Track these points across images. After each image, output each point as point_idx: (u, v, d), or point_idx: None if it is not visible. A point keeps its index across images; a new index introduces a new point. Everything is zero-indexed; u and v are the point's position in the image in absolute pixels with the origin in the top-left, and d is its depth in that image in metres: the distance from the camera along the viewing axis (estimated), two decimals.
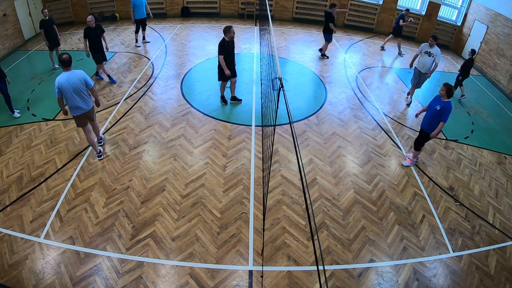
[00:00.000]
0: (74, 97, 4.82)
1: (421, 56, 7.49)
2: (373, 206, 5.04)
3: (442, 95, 5.24)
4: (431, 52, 7.32)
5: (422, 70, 7.54)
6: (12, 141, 5.90)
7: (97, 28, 7.17)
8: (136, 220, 4.53)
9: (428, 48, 7.37)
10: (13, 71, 8.32)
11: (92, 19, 7.02)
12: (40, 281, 3.74)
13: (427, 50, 7.40)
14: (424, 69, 7.50)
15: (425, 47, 7.46)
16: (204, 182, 5.19)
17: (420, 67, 7.56)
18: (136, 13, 9.43)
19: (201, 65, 9.03)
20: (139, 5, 9.37)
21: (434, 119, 5.31)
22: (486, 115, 7.93)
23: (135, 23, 9.64)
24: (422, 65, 7.48)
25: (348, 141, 6.42)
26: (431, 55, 7.33)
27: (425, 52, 7.41)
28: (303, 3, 13.08)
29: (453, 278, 4.15)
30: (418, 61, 7.63)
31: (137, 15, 9.48)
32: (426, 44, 7.46)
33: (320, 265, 3.62)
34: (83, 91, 4.88)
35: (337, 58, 10.22)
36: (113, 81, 7.92)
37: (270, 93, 5.90)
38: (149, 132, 6.24)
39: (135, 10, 9.37)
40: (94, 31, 7.11)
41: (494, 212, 5.22)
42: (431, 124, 5.38)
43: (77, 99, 4.86)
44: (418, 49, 7.62)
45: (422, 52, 7.47)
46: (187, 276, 3.89)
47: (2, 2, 8.88)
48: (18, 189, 4.94)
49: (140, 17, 9.57)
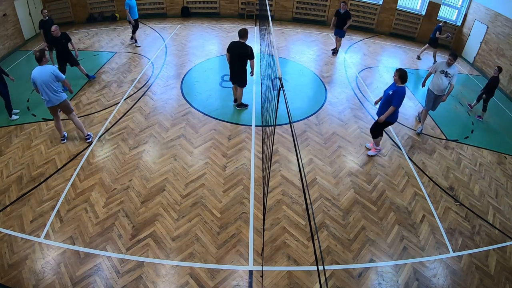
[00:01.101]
0: (44, 90, 5.27)
1: (436, 76, 6.40)
2: (373, 206, 5.04)
3: (396, 80, 5.29)
4: (448, 72, 6.23)
5: (436, 92, 6.46)
6: (12, 141, 5.90)
7: (62, 37, 7.19)
8: (136, 220, 4.53)
9: (445, 67, 6.26)
10: (13, 71, 8.30)
11: (56, 29, 7.03)
12: (40, 281, 3.75)
13: (443, 69, 6.28)
14: (439, 91, 6.43)
15: (441, 66, 6.34)
16: (204, 182, 5.19)
17: (434, 89, 6.47)
18: (132, 14, 9.52)
19: (201, 65, 9.03)
20: (133, 6, 9.50)
21: (387, 104, 5.37)
22: (486, 115, 7.93)
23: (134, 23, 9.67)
24: (437, 86, 6.40)
25: (348, 141, 6.42)
26: (448, 76, 6.25)
27: (441, 71, 6.31)
28: (303, 3, 13.08)
29: (453, 278, 4.15)
30: (432, 81, 6.53)
31: (133, 16, 9.57)
32: (443, 62, 6.36)
33: (320, 265, 3.62)
34: (53, 85, 5.29)
35: (337, 58, 10.22)
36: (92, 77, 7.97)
37: (270, 93, 5.91)
38: (149, 132, 6.24)
39: (131, 11, 9.45)
40: (60, 40, 7.13)
41: (494, 212, 5.22)
42: (383, 109, 5.47)
43: (48, 92, 5.29)
44: (433, 67, 6.55)
45: (437, 72, 6.38)
46: (187, 276, 3.89)
47: (2, 2, 8.88)
48: (18, 189, 4.94)
49: (134, 18, 9.67)
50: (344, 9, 9.58)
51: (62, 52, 7.25)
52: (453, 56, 6.23)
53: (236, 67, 6.43)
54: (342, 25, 9.70)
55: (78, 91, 7.52)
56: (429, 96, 6.66)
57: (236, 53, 6.28)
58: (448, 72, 6.25)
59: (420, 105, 8.08)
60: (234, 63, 6.40)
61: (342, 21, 9.64)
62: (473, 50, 11.24)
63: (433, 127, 7.24)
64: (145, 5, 12.59)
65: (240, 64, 6.37)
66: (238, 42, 6.26)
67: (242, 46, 6.21)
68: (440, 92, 6.43)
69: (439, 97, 6.54)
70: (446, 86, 6.33)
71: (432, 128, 7.20)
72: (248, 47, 6.22)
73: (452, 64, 6.24)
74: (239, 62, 6.35)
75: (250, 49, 6.22)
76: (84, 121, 6.46)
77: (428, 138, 6.82)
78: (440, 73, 6.34)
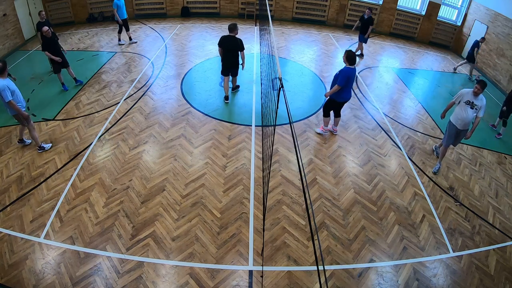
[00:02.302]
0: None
1: (460, 107, 5.44)
2: (373, 206, 5.04)
3: (344, 61, 5.67)
4: (474, 103, 5.30)
5: (459, 126, 5.48)
6: (12, 141, 5.90)
7: (53, 36, 7.15)
8: (136, 220, 4.53)
9: (472, 97, 5.32)
10: (13, 71, 8.30)
11: (47, 29, 6.92)
12: (40, 281, 3.74)
13: (469, 100, 5.33)
14: (462, 125, 5.46)
15: (466, 96, 5.37)
16: (204, 182, 5.19)
17: (457, 123, 5.49)
18: (120, 13, 9.55)
19: (201, 65, 9.03)
20: (121, 6, 9.53)
21: (334, 83, 5.87)
22: (486, 115, 7.92)
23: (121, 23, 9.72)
24: (461, 120, 5.43)
25: (348, 141, 6.42)
26: (474, 107, 5.30)
27: (467, 102, 5.35)
28: (303, 3, 13.08)
29: (453, 278, 4.15)
30: (455, 113, 5.57)
31: (120, 16, 9.60)
32: (468, 91, 5.39)
33: (320, 265, 3.62)
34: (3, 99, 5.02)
35: (337, 58, 10.22)
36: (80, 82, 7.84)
37: (270, 93, 5.91)
38: (149, 132, 6.24)
39: (118, 11, 9.48)
40: (52, 39, 7.07)
41: (494, 212, 5.22)
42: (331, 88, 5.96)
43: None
44: (456, 96, 5.57)
45: (461, 102, 5.43)
46: (187, 276, 3.89)
47: (2, 2, 8.88)
48: (18, 189, 4.94)
49: (123, 18, 9.70)
50: (368, 15, 9.58)
51: (58, 50, 7.16)
52: (481, 84, 5.23)
53: (229, 59, 6.87)
54: (364, 30, 9.71)
55: (78, 91, 7.52)
56: (450, 131, 5.63)
57: (227, 46, 6.71)
58: (474, 103, 5.29)
59: (420, 105, 8.09)
60: (226, 55, 6.83)
61: (365, 27, 9.65)
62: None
63: (433, 127, 7.24)
64: (145, 5, 12.61)
65: (232, 56, 6.83)
66: (228, 36, 6.66)
67: (233, 39, 6.64)
68: (464, 126, 5.46)
69: (462, 132, 5.56)
70: (471, 119, 5.37)
71: (432, 128, 7.20)
72: (238, 40, 6.68)
73: (480, 94, 5.28)
74: (231, 54, 6.80)
75: (240, 41, 6.70)
76: (84, 121, 6.47)
77: (428, 138, 6.82)
78: (465, 104, 5.36)
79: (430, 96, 8.75)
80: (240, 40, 6.69)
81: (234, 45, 6.67)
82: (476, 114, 5.34)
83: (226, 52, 6.76)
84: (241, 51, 6.82)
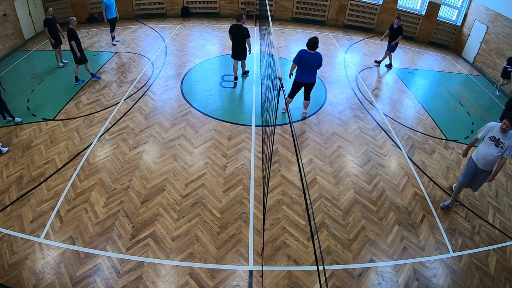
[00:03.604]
0: None
1: (484, 143, 4.64)
2: (373, 206, 5.04)
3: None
4: (501, 140, 4.46)
5: (480, 165, 4.71)
6: (12, 141, 5.90)
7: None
8: (136, 220, 4.53)
9: (498, 134, 4.47)
10: (13, 71, 8.32)
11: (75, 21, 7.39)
12: (40, 281, 3.75)
13: (495, 136, 4.51)
14: (484, 165, 4.68)
15: (492, 131, 4.55)
16: (204, 182, 5.19)
17: (478, 160, 4.72)
18: (108, 13, 9.57)
19: (201, 65, 9.03)
20: (110, 5, 9.56)
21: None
22: (486, 115, 7.93)
23: (108, 22, 9.74)
24: (483, 158, 4.64)
25: (348, 141, 6.42)
26: (499, 145, 4.47)
27: (492, 138, 4.54)
28: (303, 3, 13.08)
29: (453, 278, 4.15)
30: (478, 149, 4.77)
31: (109, 15, 9.62)
32: (495, 126, 4.55)
33: (320, 265, 3.62)
34: None
35: (337, 58, 10.23)
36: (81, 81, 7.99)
37: (270, 93, 5.91)
38: (149, 132, 6.24)
39: (107, 10, 9.50)
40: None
41: (494, 212, 5.22)
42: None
43: None
44: (481, 131, 4.73)
45: (486, 138, 4.61)
46: (187, 276, 3.89)
47: (2, 2, 8.87)
48: (18, 189, 4.94)
49: (111, 17, 9.72)
50: (398, 24, 9.38)
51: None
52: (510, 119, 4.32)
53: (237, 44, 7.64)
54: (393, 39, 9.54)
55: (78, 91, 7.52)
56: (469, 169, 4.87)
57: (235, 34, 7.50)
58: (500, 141, 4.46)
59: (420, 105, 8.08)
60: (234, 41, 7.62)
61: (394, 36, 9.49)
62: (473, 50, 11.25)
63: (433, 127, 7.24)
64: (145, 5, 12.60)
65: (239, 42, 7.59)
66: (236, 25, 7.48)
67: (239, 27, 7.41)
68: (485, 166, 4.68)
69: (483, 173, 4.77)
70: (495, 159, 4.58)
71: (432, 128, 7.20)
72: (244, 28, 7.41)
73: (508, 131, 4.40)
74: (238, 40, 7.57)
75: (245, 30, 7.43)
76: (84, 121, 6.47)
77: (428, 138, 6.82)
78: (489, 140, 4.56)
79: (430, 96, 8.74)
80: (246, 28, 7.39)
81: (240, 33, 7.41)
82: (502, 154, 4.49)
83: (234, 39, 7.55)
84: (247, 38, 7.48)
